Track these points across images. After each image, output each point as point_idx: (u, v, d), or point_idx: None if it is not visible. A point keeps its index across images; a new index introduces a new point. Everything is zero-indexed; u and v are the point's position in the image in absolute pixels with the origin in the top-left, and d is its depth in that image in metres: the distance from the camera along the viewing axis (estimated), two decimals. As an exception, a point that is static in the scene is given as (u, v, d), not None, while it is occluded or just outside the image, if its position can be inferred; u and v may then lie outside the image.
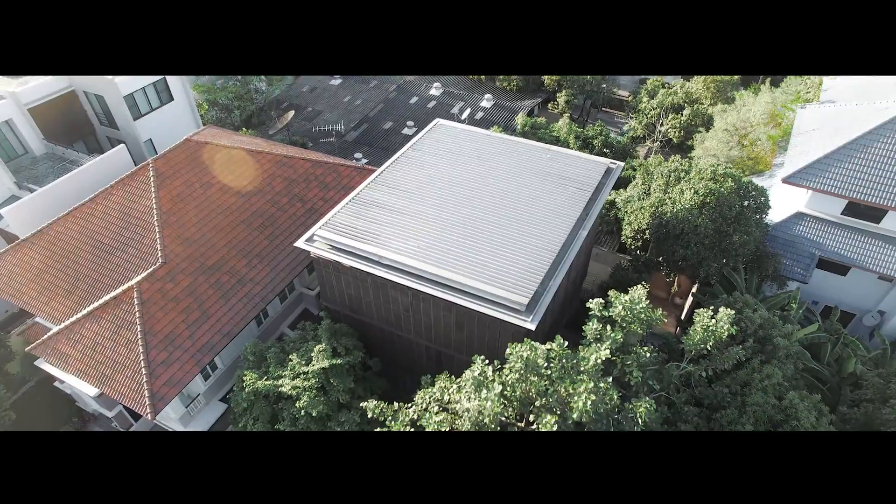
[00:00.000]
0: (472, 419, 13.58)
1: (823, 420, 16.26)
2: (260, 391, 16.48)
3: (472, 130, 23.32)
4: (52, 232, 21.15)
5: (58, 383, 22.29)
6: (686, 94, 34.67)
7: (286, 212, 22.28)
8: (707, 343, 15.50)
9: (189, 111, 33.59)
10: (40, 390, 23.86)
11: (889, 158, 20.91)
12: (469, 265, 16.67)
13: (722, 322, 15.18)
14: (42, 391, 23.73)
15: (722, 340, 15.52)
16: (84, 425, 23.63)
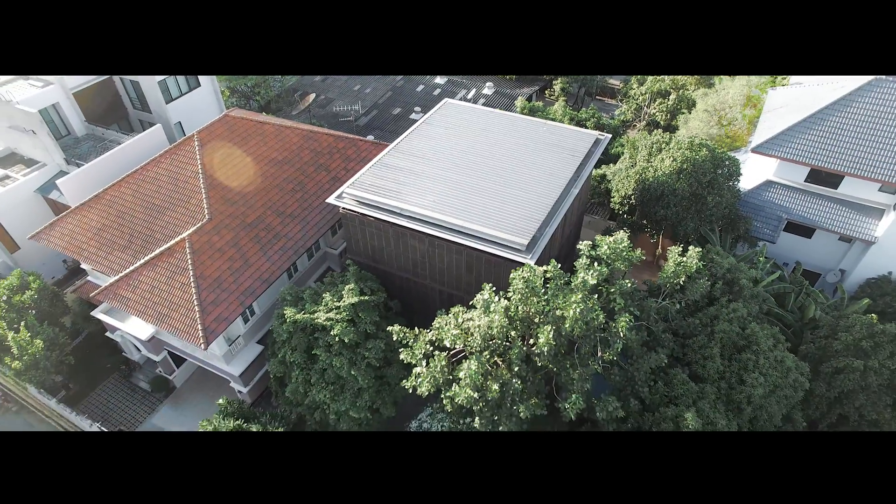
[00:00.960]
0: (482, 334, 16.40)
1: (780, 347, 19.11)
2: (298, 323, 19.27)
3: (477, 108, 26.18)
4: (107, 196, 23.95)
5: (108, 333, 25.06)
6: (672, 81, 37.58)
7: (313, 179, 25.11)
8: (679, 277, 18.37)
9: (214, 96, 36.34)
10: (91, 342, 26.64)
11: (843, 129, 23.81)
12: (477, 214, 19.52)
13: (691, 258, 18.05)
14: (93, 342, 26.50)
15: (691, 274, 18.38)
16: (130, 373, 26.37)
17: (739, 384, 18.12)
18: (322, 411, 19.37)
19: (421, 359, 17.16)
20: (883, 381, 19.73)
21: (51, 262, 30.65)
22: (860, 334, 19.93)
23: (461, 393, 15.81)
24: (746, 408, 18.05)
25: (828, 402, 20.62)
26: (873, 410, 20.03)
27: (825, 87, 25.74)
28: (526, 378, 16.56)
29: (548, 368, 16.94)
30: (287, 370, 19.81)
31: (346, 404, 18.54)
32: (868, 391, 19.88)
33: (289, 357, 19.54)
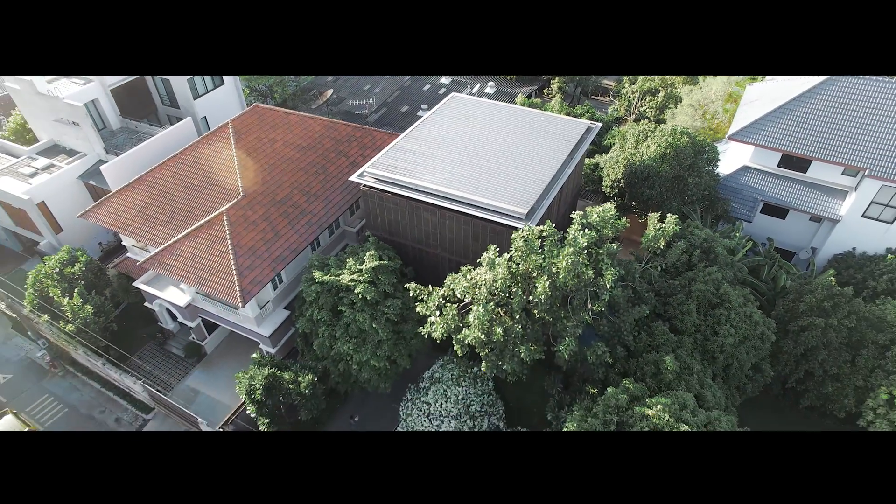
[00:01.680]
0: (487, 287, 19.02)
1: (749, 304, 21.70)
2: (325, 284, 21.88)
3: (480, 100, 28.97)
4: (150, 178, 26.67)
5: (147, 303, 27.65)
6: (661, 80, 40.45)
7: (334, 163, 27.83)
8: (659, 241, 21.02)
9: (236, 93, 39.20)
10: (128, 313, 29.22)
11: (809, 119, 26.57)
12: (482, 189, 22.20)
13: (669, 223, 20.71)
14: (131, 313, 29.08)
15: (669, 240, 21.02)
16: (165, 341, 28.90)
17: (713, 335, 20.71)
18: (346, 362, 21.91)
19: (434, 310, 19.77)
20: (842, 338, 22.29)
21: (88, 245, 33.25)
22: (821, 296, 22.52)
23: (470, 334, 18.41)
24: (720, 356, 20.64)
25: (795, 359, 23.16)
26: (834, 365, 22.55)
27: (794, 81, 28.55)
28: (526, 326, 19.15)
29: (545, 319, 19.51)
30: (314, 327, 22.36)
31: (368, 354, 21.10)
32: (829, 347, 22.43)
33: (316, 315, 22.10)
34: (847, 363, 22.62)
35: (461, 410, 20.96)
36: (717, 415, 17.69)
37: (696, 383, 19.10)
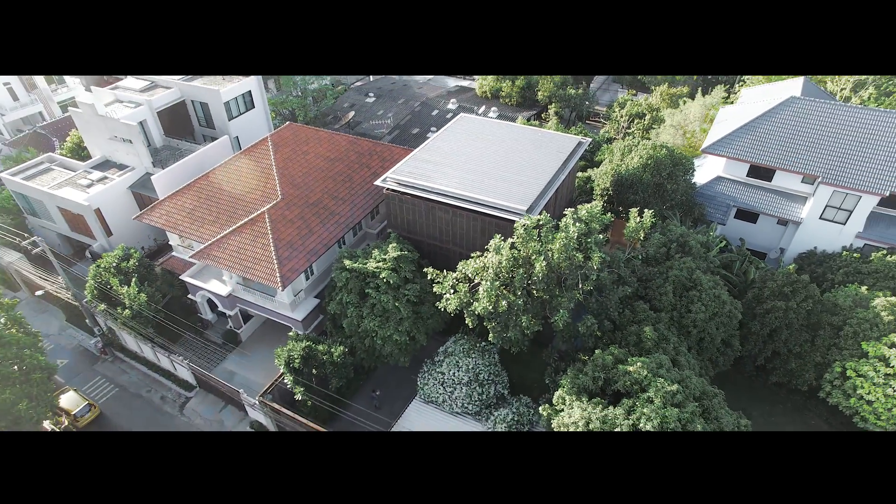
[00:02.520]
0: (493, 268, 22.60)
1: (718, 288, 25.17)
2: (354, 271, 25.47)
3: (485, 119, 33.18)
4: (198, 184, 30.63)
5: (191, 295, 31.16)
6: (648, 105, 44.91)
7: (358, 173, 31.82)
8: (639, 233, 24.69)
9: (264, 116, 43.65)
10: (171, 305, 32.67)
11: (772, 134, 30.63)
12: (488, 190, 26.03)
13: (647, 217, 24.42)
14: (173, 306, 32.54)
15: (648, 231, 24.69)
16: (203, 330, 32.25)
17: (687, 313, 24.15)
18: (371, 338, 25.26)
19: (449, 288, 23.31)
20: (801, 320, 25.69)
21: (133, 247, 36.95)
22: (781, 282, 26.04)
23: (479, 305, 21.90)
24: (693, 330, 24.04)
25: (763, 339, 26.48)
26: (796, 344, 25.88)
27: (757, 104, 32.79)
28: (526, 301, 22.64)
29: (542, 298, 23.01)
30: (343, 309, 25.81)
31: (391, 330, 24.51)
32: (791, 328, 25.80)
33: (345, 298, 25.60)
34: (807, 342, 25.94)
35: (471, 378, 24.25)
36: (688, 374, 21.01)
37: (672, 350, 22.46)
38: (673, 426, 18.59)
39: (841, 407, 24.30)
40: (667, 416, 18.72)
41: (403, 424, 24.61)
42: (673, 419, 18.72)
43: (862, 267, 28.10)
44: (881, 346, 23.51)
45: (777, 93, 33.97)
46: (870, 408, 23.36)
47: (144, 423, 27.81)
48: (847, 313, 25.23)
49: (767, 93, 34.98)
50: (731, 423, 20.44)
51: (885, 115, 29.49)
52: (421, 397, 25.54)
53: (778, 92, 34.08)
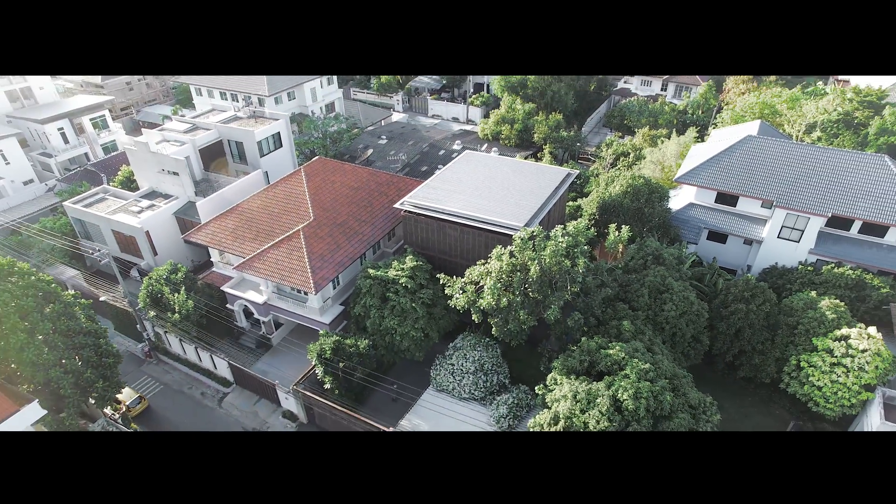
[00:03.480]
0: (496, 272, 27.01)
1: (688, 291, 29.43)
2: (376, 278, 29.86)
3: (487, 154, 38.47)
4: (239, 208, 35.54)
5: (229, 304, 35.39)
6: (632, 145, 50.53)
7: (377, 200, 36.79)
8: (617, 246, 29.23)
9: (290, 154, 49.22)
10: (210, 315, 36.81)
11: (734, 165, 35.73)
12: (491, 211, 30.79)
13: (624, 232, 29.03)
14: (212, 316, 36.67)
15: (625, 242, 29.24)
16: (238, 337, 36.22)
17: (661, 311, 28.36)
18: (391, 335, 29.30)
19: (458, 289, 27.65)
20: (761, 320, 29.82)
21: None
22: (742, 288, 30.35)
23: (484, 302, 26.18)
24: (666, 326, 28.17)
25: (729, 338, 30.48)
26: (758, 342, 29.88)
27: (722, 141, 38.14)
28: (523, 300, 26.92)
29: (537, 298, 27.28)
30: (367, 311, 30.00)
31: (408, 327, 28.64)
32: (753, 328, 29.88)
33: (369, 302, 29.87)
34: (768, 340, 29.97)
35: (477, 368, 28.18)
36: (660, 358, 25.02)
37: (647, 341, 26.52)
38: (646, 395, 22.47)
39: (798, 395, 28.09)
40: (640, 388, 22.64)
41: (419, 409, 28.31)
42: (646, 391, 22.62)
43: (815, 278, 32.45)
44: (827, 340, 27.56)
45: (738, 132, 39.43)
46: (819, 393, 27.18)
47: (186, 414, 31.43)
48: (800, 314, 29.39)
49: (731, 132, 40.47)
50: (696, 398, 24.27)
51: (825, 151, 34.70)
52: (434, 386, 29.34)
53: (739, 132, 39.55)
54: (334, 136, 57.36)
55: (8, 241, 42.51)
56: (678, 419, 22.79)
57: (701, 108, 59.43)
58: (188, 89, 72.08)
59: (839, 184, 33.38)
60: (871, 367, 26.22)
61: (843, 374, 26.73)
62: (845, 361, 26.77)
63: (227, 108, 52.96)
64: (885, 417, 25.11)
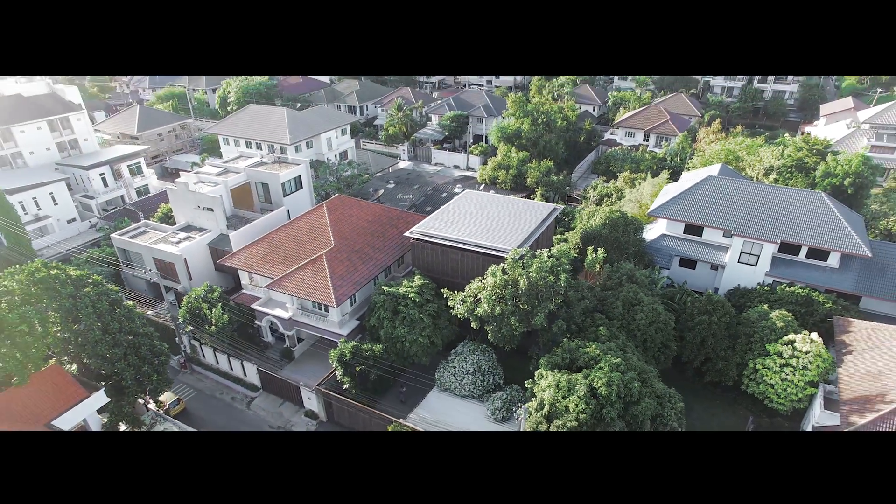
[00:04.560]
0: (490, 286, 31.97)
1: (656, 303, 34.20)
2: (389, 293, 34.77)
3: (484, 193, 44.31)
4: (268, 237, 40.99)
5: (257, 321, 40.08)
6: (615, 187, 56.57)
7: (389, 231, 42.28)
8: (595, 265, 34.33)
9: (308, 195, 55.23)
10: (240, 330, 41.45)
11: (698, 201, 41.36)
12: (487, 238, 36.13)
13: (600, 254, 34.22)
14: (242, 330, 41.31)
15: (601, 263, 34.34)
16: (264, 350, 40.63)
17: (633, 320, 33.05)
18: (401, 342, 33.84)
19: (459, 301, 32.51)
20: (722, 331, 34.41)
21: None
22: (705, 302, 35.14)
23: (481, 309, 30.98)
24: (638, 333, 32.78)
25: (696, 347, 34.94)
26: (720, 349, 34.33)
27: (688, 182, 44.03)
28: (515, 309, 31.72)
29: (525, 309, 32.07)
30: (380, 322, 34.70)
31: (416, 335, 33.27)
32: (716, 337, 34.43)
33: (382, 314, 34.65)
34: (729, 348, 34.42)
35: (475, 369, 32.55)
36: (630, 356, 29.53)
37: (621, 343, 31.07)
38: (617, 383, 26.85)
39: (756, 394, 32.29)
40: (612, 378, 27.07)
41: (426, 405, 32.46)
42: (617, 380, 27.04)
43: (770, 296, 37.25)
44: (777, 345, 32.08)
45: (703, 174, 45.41)
46: (772, 390, 31.43)
47: (219, 415, 35.45)
48: (755, 324, 34.02)
49: (697, 174, 46.48)
50: (661, 389, 28.58)
51: (773, 188, 40.46)
52: (438, 386, 33.59)
53: (703, 173, 45.55)
54: (348, 180, 63.79)
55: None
56: (644, 404, 27.05)
57: (679, 156, 66.07)
58: (214, 139, 79.59)
59: (786, 216, 38.86)
60: (813, 366, 30.63)
61: (791, 372, 31.09)
62: (792, 362, 31.20)
63: (253, 154, 59.67)
64: (824, 408, 29.27)
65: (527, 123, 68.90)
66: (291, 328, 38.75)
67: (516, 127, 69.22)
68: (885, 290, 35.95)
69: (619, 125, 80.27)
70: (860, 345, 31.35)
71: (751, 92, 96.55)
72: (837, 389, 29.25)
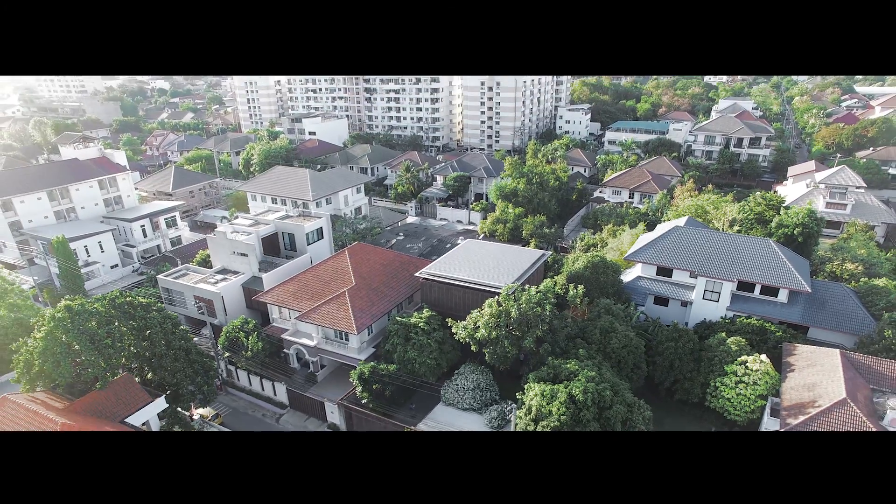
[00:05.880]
0: (487, 315, 38.18)
1: (629, 330, 40.13)
2: (402, 323, 40.93)
3: (483, 241, 51.42)
4: (298, 277, 47.73)
5: (285, 349, 45.92)
6: (600, 238, 63.73)
7: (401, 273, 49.02)
8: (576, 299, 40.70)
9: (328, 244, 62.47)
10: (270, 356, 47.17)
11: (668, 247, 48.21)
12: (485, 277, 42.72)
13: (580, 290, 40.71)
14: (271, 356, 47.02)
15: (581, 298, 40.72)
16: (290, 375, 46.13)
17: (608, 344, 38.93)
18: (412, 364, 39.55)
19: (461, 328, 38.64)
20: (687, 355, 40.13)
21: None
22: (671, 331, 41.09)
23: (479, 333, 37.04)
24: (612, 355, 38.56)
25: (665, 369, 40.52)
26: (686, 371, 39.88)
27: (659, 232, 51.10)
28: (507, 335, 37.75)
29: (516, 335, 38.09)
30: (394, 347, 40.59)
31: (425, 357, 39.10)
32: (682, 360, 40.10)
33: (395, 341, 40.65)
34: (694, 370, 39.99)
35: (475, 386, 38.09)
36: (604, 371, 35.24)
37: (597, 362, 36.80)
38: (592, 392, 32.43)
39: (717, 408, 37.56)
40: (588, 387, 32.72)
41: (432, 416, 37.73)
42: (592, 389, 32.66)
43: (730, 327, 43.15)
44: (733, 366, 37.74)
45: (671, 224, 52.57)
46: (730, 404, 36.77)
47: (251, 427, 40.57)
48: (715, 349, 39.79)
49: (667, 225, 53.65)
50: (631, 399, 34.05)
51: (729, 236, 47.44)
52: (444, 401, 38.99)
53: (672, 224, 52.70)
54: (363, 232, 71.28)
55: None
56: (615, 409, 32.48)
57: (659, 211, 73.72)
58: (240, 195, 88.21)
59: (741, 259, 45.51)
60: (762, 382, 36.17)
61: (744, 388, 36.55)
62: (745, 379, 36.75)
63: (279, 209, 67.60)
64: (770, 416, 34.54)
65: (522, 183, 77.27)
66: (316, 355, 44.57)
67: (513, 186, 77.54)
68: (826, 321, 41.93)
69: (607, 184, 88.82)
70: (801, 364, 36.98)
71: (727, 155, 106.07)
72: (780, 400, 34.65)
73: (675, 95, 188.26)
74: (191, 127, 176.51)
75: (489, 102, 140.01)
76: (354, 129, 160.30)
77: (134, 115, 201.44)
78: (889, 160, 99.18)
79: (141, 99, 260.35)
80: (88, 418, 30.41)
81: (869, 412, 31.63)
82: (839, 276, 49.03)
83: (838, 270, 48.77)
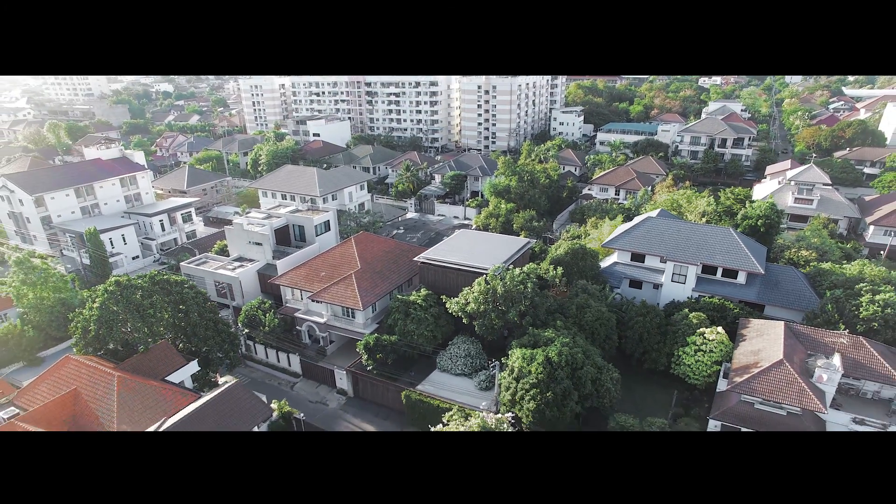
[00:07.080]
0: (476, 292, 43.58)
1: (602, 306, 45.51)
2: (402, 300, 46.31)
3: (475, 230, 56.89)
4: (310, 263, 53.18)
5: (298, 326, 51.32)
6: (584, 230, 69.16)
7: (401, 258, 54.46)
8: (555, 279, 46.10)
9: (334, 236, 67.98)
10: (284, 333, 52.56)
11: (640, 235, 53.61)
12: (476, 261, 48.13)
13: (559, 271, 46.12)
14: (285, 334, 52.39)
15: (559, 278, 46.11)
16: (303, 350, 51.46)
17: (583, 317, 44.33)
18: (411, 335, 44.88)
19: (454, 304, 44.06)
20: (655, 328, 45.49)
21: (251, 310, 57.78)
22: (640, 308, 46.49)
23: (470, 306, 42.45)
24: (587, 327, 43.96)
25: (635, 341, 45.88)
26: (654, 342, 45.25)
27: (633, 222, 56.56)
28: (495, 308, 43.12)
29: (502, 309, 43.45)
30: (395, 321, 45.94)
31: (423, 330, 44.46)
32: (650, 333, 45.46)
33: (396, 316, 46.03)
34: (660, 342, 45.37)
35: (466, 354, 43.49)
36: (578, 339, 40.63)
37: (573, 332, 42.18)
38: (566, 354, 37.78)
39: (679, 374, 42.92)
40: (562, 351, 38.08)
41: (429, 380, 43.14)
42: (566, 352, 38.03)
43: (695, 306, 48.54)
44: (693, 337, 43.13)
45: (644, 216, 58.02)
46: (690, 369, 42.15)
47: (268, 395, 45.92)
48: (679, 324, 45.18)
49: (642, 217, 59.12)
50: (601, 363, 39.39)
51: (695, 225, 52.88)
52: (439, 368, 44.37)
53: (645, 216, 58.17)
54: (365, 226, 76.69)
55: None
56: (586, 369, 37.84)
57: (641, 206, 79.16)
58: (250, 192, 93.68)
59: (704, 245, 50.92)
60: (717, 350, 41.54)
61: (702, 356, 41.92)
62: (703, 348, 42.12)
63: (289, 204, 73.04)
64: (723, 378, 39.89)
65: (514, 180, 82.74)
66: (325, 331, 49.97)
67: (506, 183, 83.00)
68: (779, 299, 47.34)
69: (595, 182, 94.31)
70: (751, 334, 42.38)
71: (712, 155, 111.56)
72: (731, 364, 40.03)
73: (667, 98, 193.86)
74: (198, 129, 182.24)
75: (486, 105, 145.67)
76: (356, 131, 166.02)
77: (142, 118, 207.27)
78: (864, 160, 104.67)
79: (146, 102, 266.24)
80: (136, 375, 35.83)
81: (801, 371, 37.03)
82: (796, 262, 54.42)
83: (795, 257, 54.16)
